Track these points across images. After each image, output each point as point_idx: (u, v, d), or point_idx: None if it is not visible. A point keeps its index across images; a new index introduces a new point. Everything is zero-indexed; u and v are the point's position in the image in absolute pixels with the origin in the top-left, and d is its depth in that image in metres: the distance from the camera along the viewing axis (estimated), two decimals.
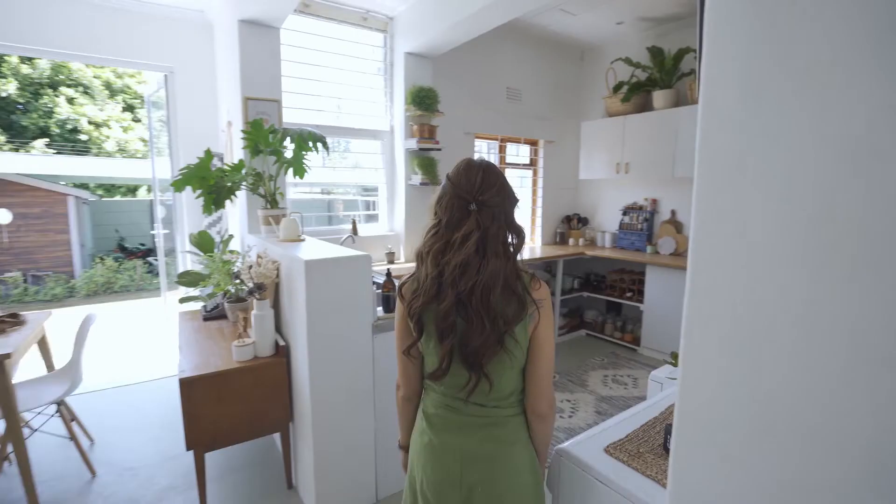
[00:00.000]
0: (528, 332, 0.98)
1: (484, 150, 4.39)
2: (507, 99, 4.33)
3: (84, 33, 2.99)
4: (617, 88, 4.16)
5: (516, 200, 1.03)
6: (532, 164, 4.81)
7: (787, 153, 0.52)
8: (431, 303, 0.97)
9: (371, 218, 3.81)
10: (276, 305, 2.22)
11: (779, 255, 0.54)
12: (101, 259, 8.66)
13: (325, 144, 2.59)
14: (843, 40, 0.47)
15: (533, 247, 4.73)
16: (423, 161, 3.53)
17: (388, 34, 3.56)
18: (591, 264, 4.65)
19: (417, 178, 3.54)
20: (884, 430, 0.47)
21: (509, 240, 0.99)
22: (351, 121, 3.52)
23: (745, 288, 0.57)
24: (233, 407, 1.90)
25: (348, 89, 3.46)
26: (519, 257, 1.00)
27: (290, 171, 2.56)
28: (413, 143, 3.45)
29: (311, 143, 2.51)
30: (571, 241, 4.82)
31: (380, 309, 2.09)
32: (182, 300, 2.51)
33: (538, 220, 4.88)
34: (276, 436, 2.27)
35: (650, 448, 1.09)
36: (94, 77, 10.71)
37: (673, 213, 4.21)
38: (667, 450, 1.07)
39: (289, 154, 2.55)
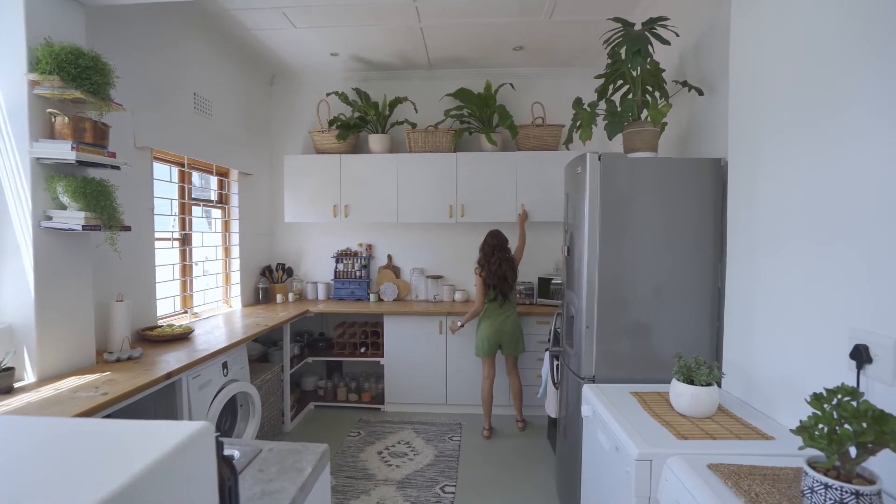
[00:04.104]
0: (515, 283, 3.30)
1: (165, 177, 2.89)
2: (195, 110, 3.07)
3: None
4: (332, 124, 3.74)
5: (507, 240, 3.26)
6: (223, 200, 3.61)
7: None
8: (492, 276, 3.16)
9: None
10: None
11: None
12: None
13: None
14: None
15: (231, 311, 3.50)
16: (84, 185, 1.89)
17: None
18: (303, 323, 3.91)
19: (74, 218, 1.86)
20: None
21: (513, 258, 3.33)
22: None
23: None
24: None
25: None
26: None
27: None
28: (64, 149, 1.80)
29: None
30: (279, 297, 3.90)
31: None
32: None
33: (234, 276, 3.68)
34: None
35: None
36: None
37: (390, 258, 4.15)
38: None
39: None
